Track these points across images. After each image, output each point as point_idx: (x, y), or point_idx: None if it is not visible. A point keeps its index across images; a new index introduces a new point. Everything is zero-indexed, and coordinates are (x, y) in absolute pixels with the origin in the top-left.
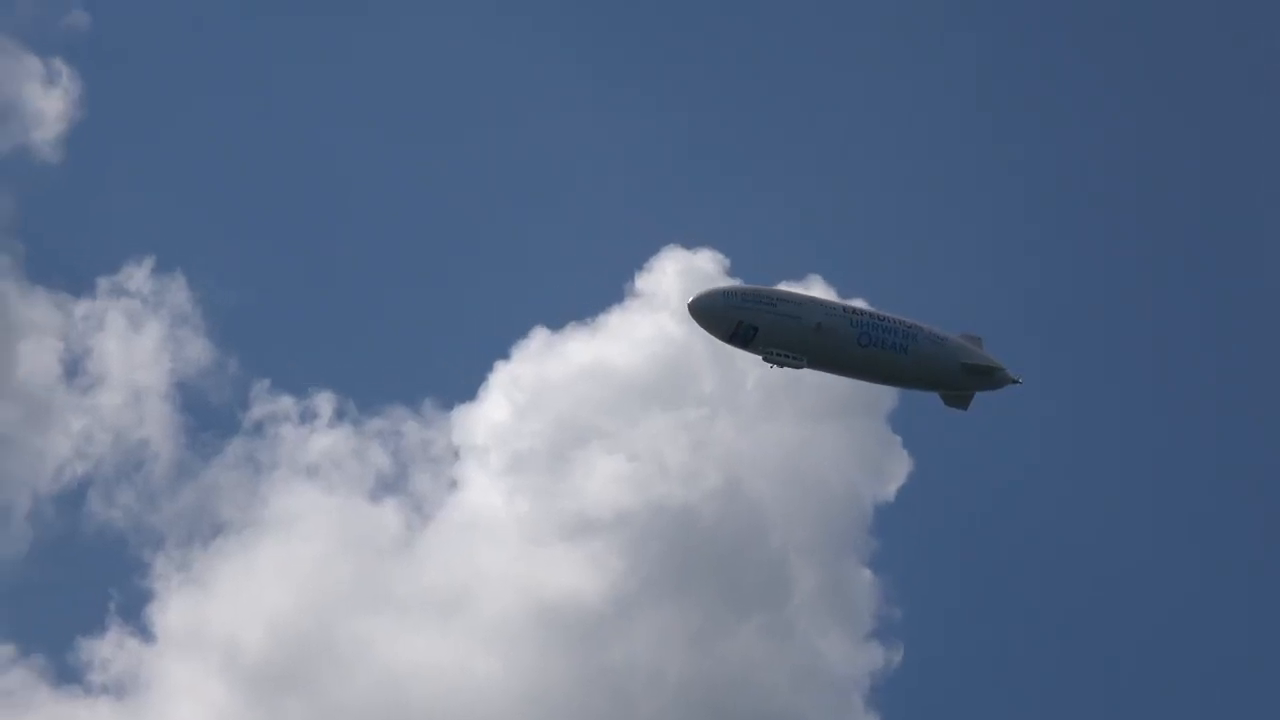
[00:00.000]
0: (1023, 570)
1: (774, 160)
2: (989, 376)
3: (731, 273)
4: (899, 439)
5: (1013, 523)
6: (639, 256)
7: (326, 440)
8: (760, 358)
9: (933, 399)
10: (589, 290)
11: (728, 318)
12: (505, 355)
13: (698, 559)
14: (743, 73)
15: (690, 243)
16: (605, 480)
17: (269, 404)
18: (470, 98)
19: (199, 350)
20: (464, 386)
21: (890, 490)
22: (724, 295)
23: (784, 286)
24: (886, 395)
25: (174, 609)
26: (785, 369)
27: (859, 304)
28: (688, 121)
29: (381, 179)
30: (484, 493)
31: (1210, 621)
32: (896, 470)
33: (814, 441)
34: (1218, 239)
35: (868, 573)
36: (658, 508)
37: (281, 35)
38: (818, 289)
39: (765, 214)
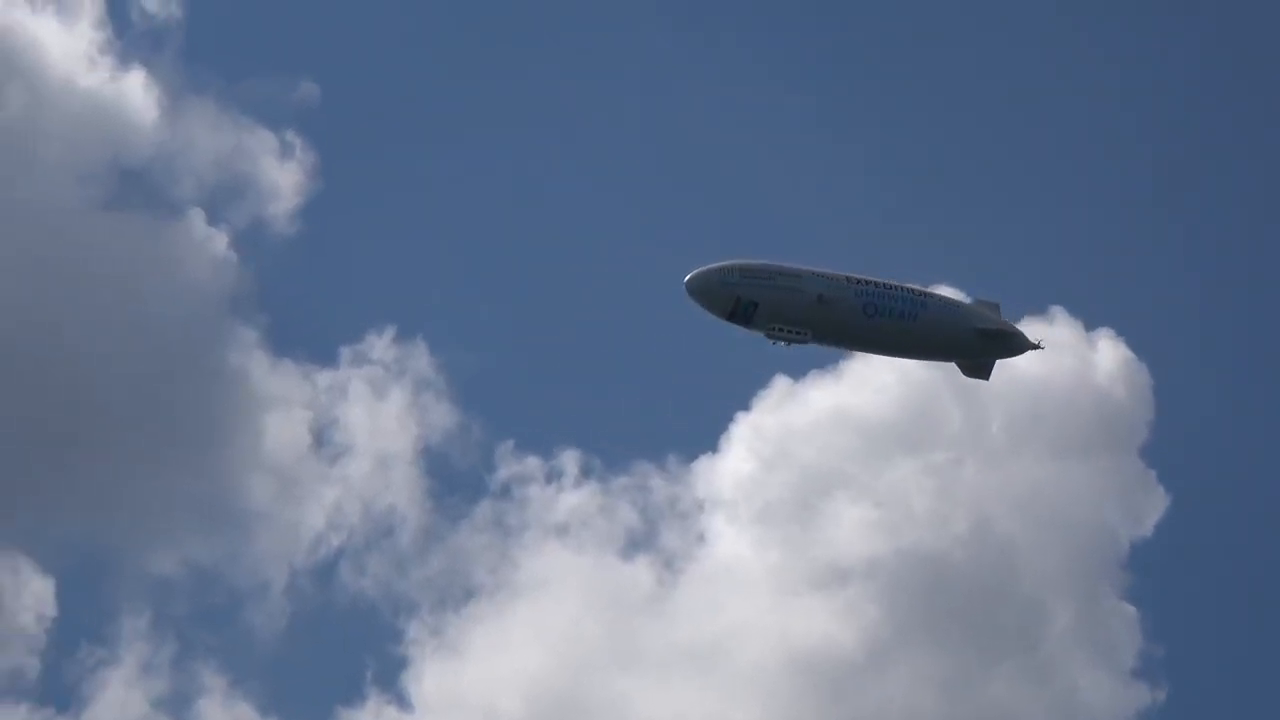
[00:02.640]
0: None
1: (1005, 190)
2: (1006, 342)
3: None
4: (1154, 473)
5: None
6: None
7: (574, 499)
8: (763, 335)
9: (950, 369)
10: None
11: (725, 295)
12: (746, 406)
13: (950, 603)
14: (957, 108)
15: (925, 280)
16: (854, 528)
17: (515, 465)
18: (708, 150)
19: (443, 415)
20: (706, 439)
21: (1147, 525)
22: (720, 272)
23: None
24: (1138, 429)
25: (429, 676)
26: (793, 345)
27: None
28: (910, 156)
29: (619, 235)
30: (733, 545)
31: None
32: (1152, 505)
33: (1063, 479)
34: None
35: (1129, 609)
36: (908, 554)
37: (512, 96)
38: (1060, 320)
39: (998, 245)
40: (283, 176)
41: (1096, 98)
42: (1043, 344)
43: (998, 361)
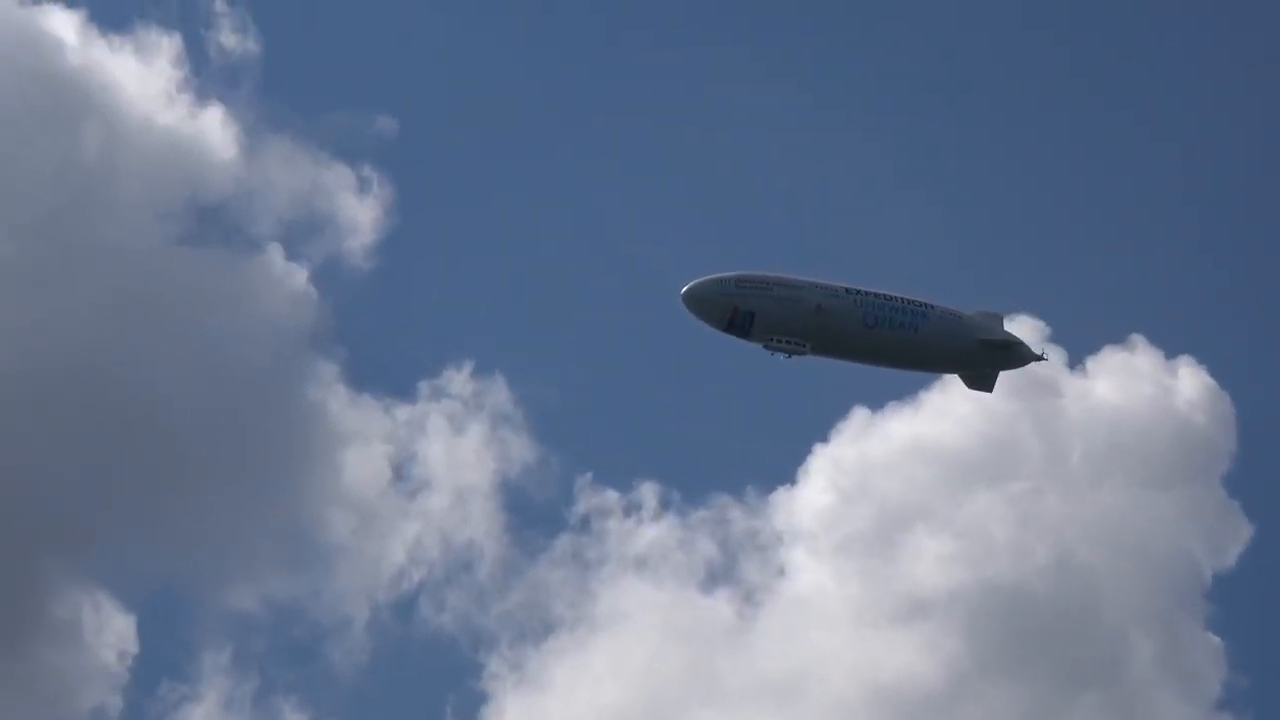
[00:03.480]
0: None
1: (1083, 219)
2: (1010, 353)
3: (1053, 339)
4: (1237, 503)
5: None
6: None
7: (653, 532)
8: (761, 346)
9: (953, 381)
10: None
11: (721, 305)
12: (824, 438)
13: (1032, 635)
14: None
15: (1007, 309)
16: (934, 560)
17: (593, 498)
18: (781, 185)
19: (521, 449)
20: (784, 471)
21: (1230, 556)
22: (717, 282)
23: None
24: (1220, 459)
25: (510, 711)
26: (793, 356)
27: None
28: (985, 186)
29: (698, 272)
30: (813, 578)
31: None
32: (1236, 535)
33: (1145, 509)
34: None
35: (1213, 640)
36: (989, 586)
37: (588, 130)
38: (1140, 349)
39: (1076, 274)
40: (360, 211)
41: (1175, 126)
42: (1047, 355)
43: (1011, 374)
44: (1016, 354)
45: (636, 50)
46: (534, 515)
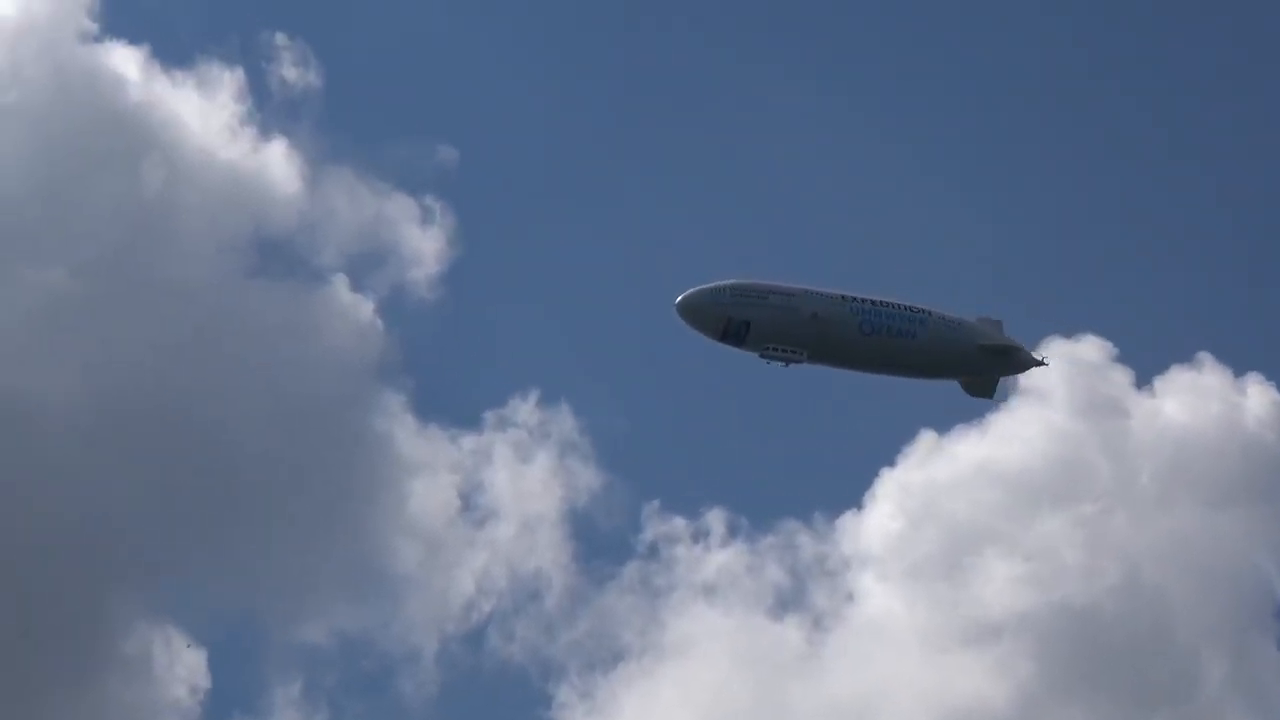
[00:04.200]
0: None
1: (1148, 240)
2: (1009, 358)
3: (1120, 360)
4: None
5: None
6: None
7: (721, 559)
8: (758, 355)
9: (953, 388)
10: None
11: (716, 315)
12: (891, 462)
13: (1102, 656)
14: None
15: (1070, 331)
16: (1004, 583)
17: (661, 526)
18: (842, 205)
19: (588, 477)
20: (850, 495)
21: None
22: (712, 292)
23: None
24: None
25: None
26: (790, 365)
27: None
28: (1054, 211)
29: None
30: (882, 602)
31: None
32: None
33: (1214, 528)
34: None
35: None
36: (1059, 607)
37: (650, 157)
38: (1208, 367)
39: (1144, 293)
40: (424, 242)
41: (1241, 144)
42: (1048, 360)
43: (1013, 381)
44: (1017, 359)
45: (698, 79)
46: (601, 543)
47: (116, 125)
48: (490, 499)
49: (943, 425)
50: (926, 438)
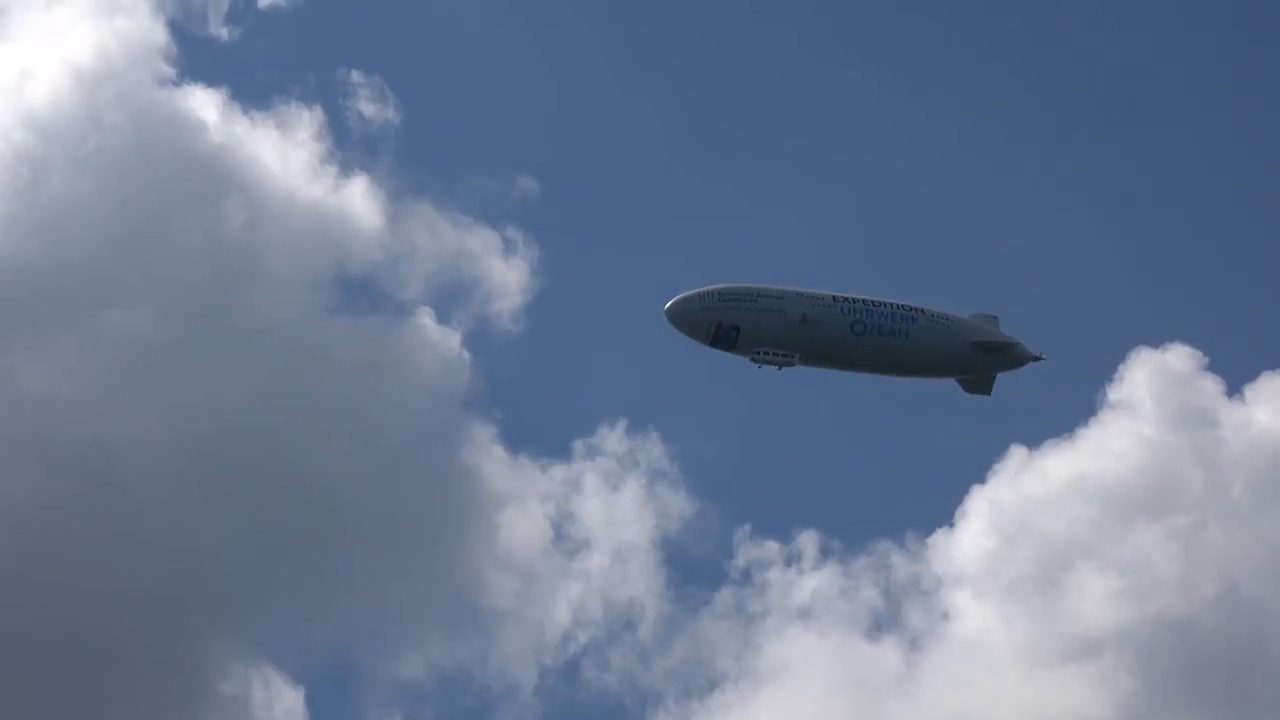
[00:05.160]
0: None
1: (1235, 247)
2: (1005, 354)
3: (1210, 368)
4: None
5: None
6: (1108, 364)
7: (815, 582)
8: (749, 360)
9: (950, 385)
10: (1062, 405)
11: (705, 320)
12: (981, 479)
13: (1204, 670)
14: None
15: (1157, 340)
16: (1100, 598)
17: (753, 550)
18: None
19: (679, 504)
20: (941, 514)
21: None
22: (700, 297)
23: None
24: None
25: None
26: (783, 369)
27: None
28: (1143, 220)
29: None
30: (978, 621)
31: None
32: None
33: None
34: None
35: None
36: (1157, 621)
37: (730, 181)
38: None
39: (1234, 302)
40: (507, 273)
41: None
42: (1045, 356)
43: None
44: (1013, 355)
45: (775, 103)
46: (694, 570)
47: (197, 168)
48: (582, 529)
49: (1033, 441)
50: (1018, 453)
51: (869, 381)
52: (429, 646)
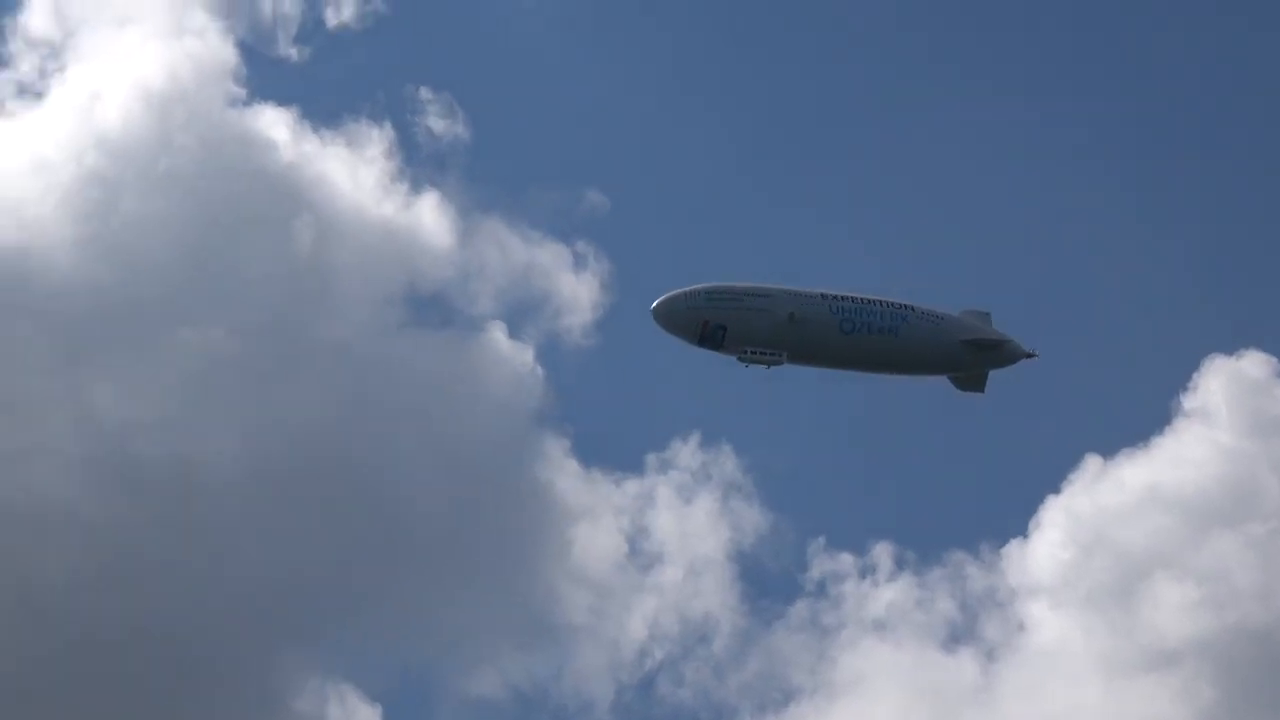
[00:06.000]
0: None
1: None
2: (996, 352)
3: None
4: None
5: None
6: (1182, 373)
7: (890, 593)
8: (736, 359)
9: (943, 384)
10: (1137, 413)
11: (692, 319)
12: (1056, 489)
13: None
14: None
15: (1231, 347)
16: (1177, 608)
17: (828, 562)
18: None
19: (752, 517)
20: (1015, 524)
21: None
22: (686, 296)
23: None
24: None
25: None
26: (772, 368)
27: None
28: (1206, 221)
29: None
30: (1055, 632)
31: None
32: None
33: None
34: None
35: None
36: (1236, 631)
37: (799, 193)
38: None
39: None
40: (578, 288)
41: None
42: (1038, 353)
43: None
44: (1005, 352)
45: (844, 115)
46: (769, 583)
47: (268, 187)
48: (655, 543)
49: (1108, 450)
50: (1092, 463)
51: (938, 391)
52: (504, 662)
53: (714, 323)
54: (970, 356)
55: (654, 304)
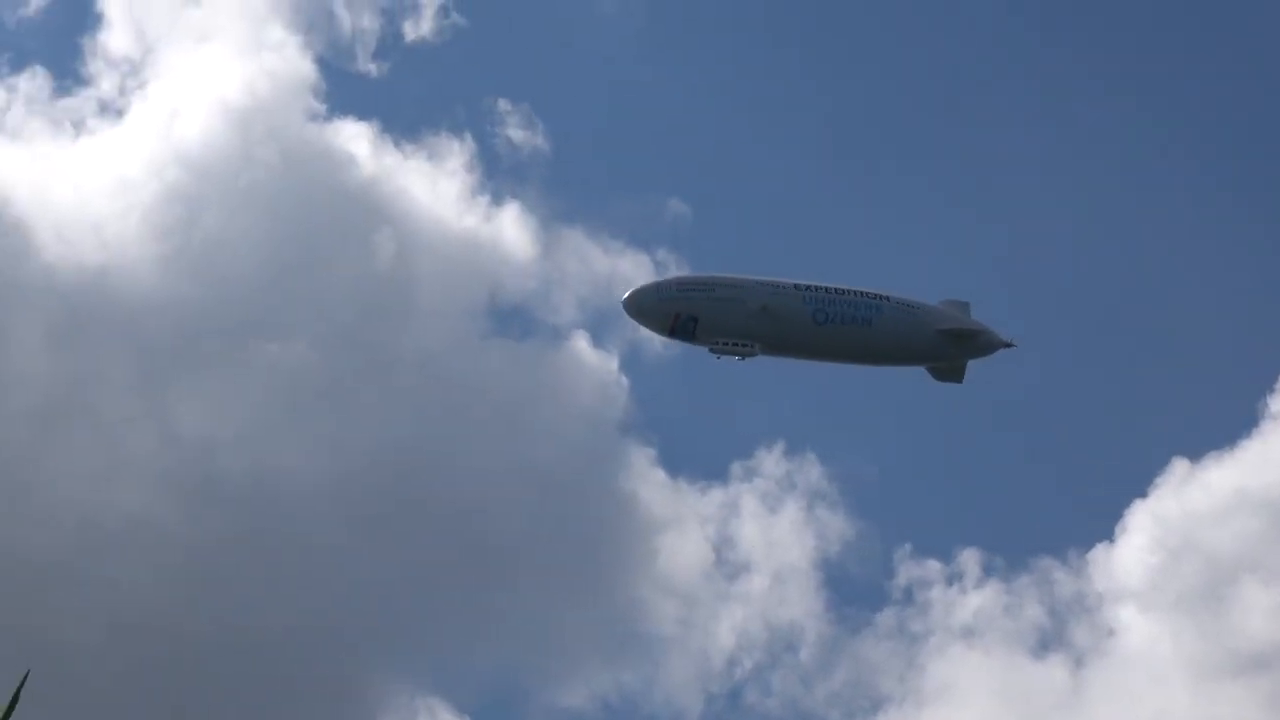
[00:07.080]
0: None
1: None
2: (973, 342)
3: None
4: None
5: None
6: (1268, 375)
7: (977, 600)
8: (707, 350)
9: (920, 374)
10: (1223, 416)
11: (663, 310)
12: (1143, 493)
13: None
14: None
15: None
16: (1267, 611)
17: (914, 569)
18: (1074, 235)
19: (838, 525)
20: (1101, 528)
21: None
22: (656, 288)
23: None
24: None
25: None
26: (746, 359)
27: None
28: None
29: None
30: (1144, 636)
31: None
32: None
33: None
34: None
35: None
36: None
37: (880, 202)
38: None
39: None
40: None
41: None
42: (1016, 342)
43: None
44: (982, 342)
45: (922, 123)
46: (855, 591)
47: (349, 202)
48: (741, 552)
49: (1194, 453)
50: (1179, 466)
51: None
52: (593, 673)
53: (685, 314)
54: (947, 347)
55: (625, 295)
